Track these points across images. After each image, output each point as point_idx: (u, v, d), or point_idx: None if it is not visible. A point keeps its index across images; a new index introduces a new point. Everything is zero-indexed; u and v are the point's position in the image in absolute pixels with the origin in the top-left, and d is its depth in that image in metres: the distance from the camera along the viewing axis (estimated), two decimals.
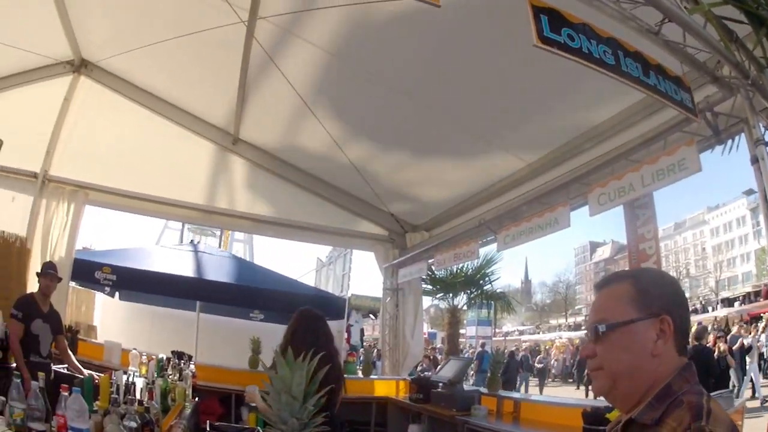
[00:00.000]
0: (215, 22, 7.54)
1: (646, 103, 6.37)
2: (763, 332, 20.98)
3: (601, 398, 1.93)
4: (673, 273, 59.09)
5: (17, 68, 9.22)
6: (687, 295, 1.91)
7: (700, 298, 65.06)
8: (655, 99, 4.86)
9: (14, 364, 5.94)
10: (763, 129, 4.95)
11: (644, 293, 1.71)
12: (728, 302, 53.50)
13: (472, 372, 21.53)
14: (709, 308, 53.77)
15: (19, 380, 3.26)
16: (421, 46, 7.23)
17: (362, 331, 20.46)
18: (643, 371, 1.66)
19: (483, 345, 28.90)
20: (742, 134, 5.40)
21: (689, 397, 1.57)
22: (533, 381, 27.67)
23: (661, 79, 4.65)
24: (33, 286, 7.24)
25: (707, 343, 15.26)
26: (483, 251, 10.49)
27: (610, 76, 4.31)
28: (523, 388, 25.68)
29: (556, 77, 6.55)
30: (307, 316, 5.49)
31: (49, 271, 6.76)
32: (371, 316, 21.29)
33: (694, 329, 17.65)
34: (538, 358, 27.90)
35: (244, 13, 7.25)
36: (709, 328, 23.80)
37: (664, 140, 6.05)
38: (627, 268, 6.31)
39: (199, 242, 14.69)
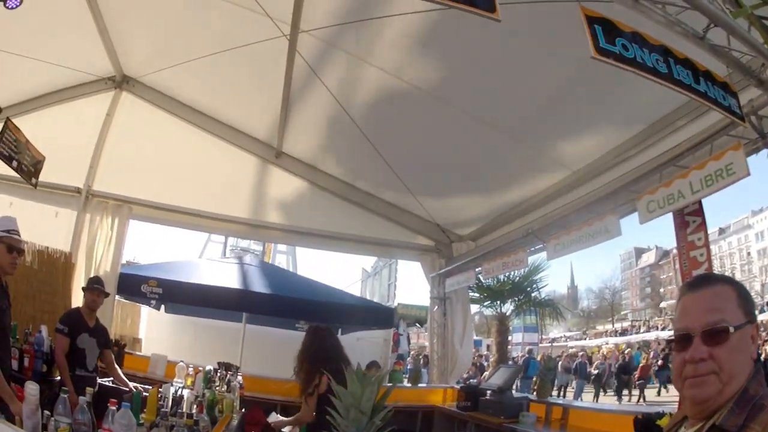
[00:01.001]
0: (257, 37, 7.49)
1: (691, 106, 6.23)
2: None
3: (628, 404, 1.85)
4: None
5: (59, 85, 9.33)
6: None
7: None
8: (704, 105, 4.77)
9: (59, 378, 5.85)
10: None
11: (746, 298, 1.71)
12: None
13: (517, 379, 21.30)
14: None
15: (66, 395, 3.13)
16: (466, 58, 7.12)
17: (409, 339, 20.36)
18: (741, 376, 1.62)
19: (530, 352, 28.63)
20: None
21: None
22: (588, 388, 26.73)
23: (710, 85, 4.59)
24: (78, 300, 7.21)
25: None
26: (530, 259, 10.30)
27: (664, 84, 4.30)
28: (570, 395, 25.11)
29: (601, 84, 6.49)
30: (325, 331, 6.16)
31: (95, 286, 6.68)
32: (417, 324, 21.18)
33: None
34: (595, 364, 27.07)
35: (286, 26, 7.17)
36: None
37: (711, 144, 5.88)
38: (673, 275, 6.21)
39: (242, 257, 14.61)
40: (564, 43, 4.23)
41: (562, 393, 25.31)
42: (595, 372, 26.16)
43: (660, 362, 24.67)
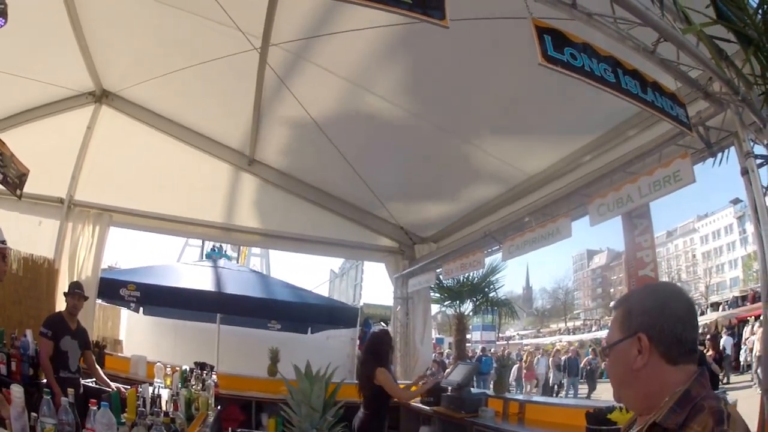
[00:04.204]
0: (230, 50, 7.60)
1: (642, 117, 6.41)
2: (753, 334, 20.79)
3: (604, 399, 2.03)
4: (665, 279, 59.05)
5: (42, 101, 9.38)
6: None
7: None
8: (651, 114, 4.92)
9: (45, 380, 5.91)
10: (751, 143, 4.98)
11: (627, 315, 1.83)
12: (717, 307, 53.35)
13: None
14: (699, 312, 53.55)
15: (49, 396, 3.22)
16: (425, 68, 7.30)
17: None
18: (630, 384, 1.79)
19: (483, 350, 28.84)
20: (732, 147, 5.43)
21: (710, 402, 1.61)
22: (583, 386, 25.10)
23: (657, 95, 4.70)
24: (61, 305, 7.23)
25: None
26: (488, 260, 10.47)
27: (611, 93, 4.37)
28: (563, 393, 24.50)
29: (556, 95, 6.64)
30: (386, 334, 6.91)
31: (75, 291, 6.73)
32: (382, 323, 21.24)
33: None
34: (586, 359, 26.20)
35: (257, 40, 7.27)
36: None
37: (660, 153, 6.09)
38: (623, 276, 6.41)
39: (218, 259, 14.60)
40: (520, 54, 4.35)
41: (556, 392, 24.68)
42: (587, 368, 25.40)
43: None
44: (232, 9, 6.68)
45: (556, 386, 25.21)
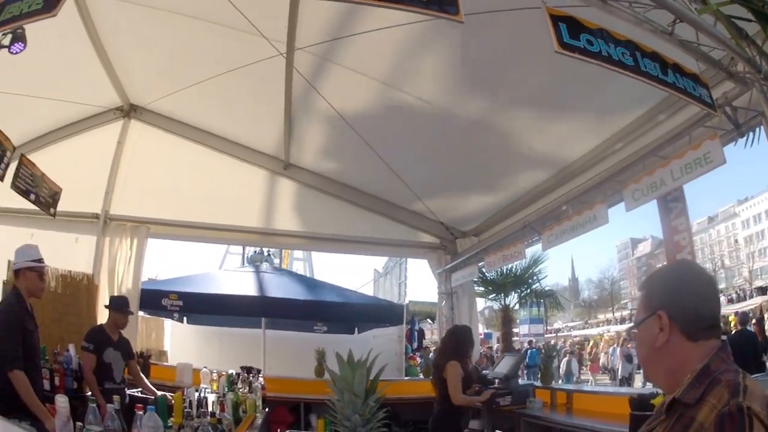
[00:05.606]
0: (255, 57, 7.59)
1: (670, 101, 6.35)
2: None
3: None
4: (708, 265, 58.32)
5: (70, 119, 9.53)
6: (722, 286, 1.96)
7: (736, 288, 63.51)
8: (675, 96, 4.92)
9: (89, 393, 5.97)
10: None
11: (648, 295, 1.91)
12: (762, 291, 52.37)
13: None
14: (742, 296, 52.55)
15: (94, 405, 3.25)
16: (456, 64, 7.25)
17: (420, 333, 20.21)
18: (655, 362, 1.86)
19: (530, 343, 28.66)
20: (762, 126, 5.39)
21: (727, 376, 1.65)
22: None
23: (678, 76, 4.70)
24: (103, 320, 7.31)
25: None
26: (529, 251, 10.53)
27: (630, 76, 4.40)
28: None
29: (584, 85, 6.66)
30: (465, 329, 7.09)
31: (123, 308, 6.76)
32: (429, 320, 21.16)
33: (735, 316, 17.27)
34: None
35: (282, 45, 7.25)
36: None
37: (689, 136, 6.05)
38: (665, 262, 6.36)
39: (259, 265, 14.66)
40: (549, 45, 4.36)
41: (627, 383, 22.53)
42: None
43: None
44: (254, 17, 6.69)
45: (624, 377, 23.27)
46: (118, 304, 6.79)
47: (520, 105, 7.83)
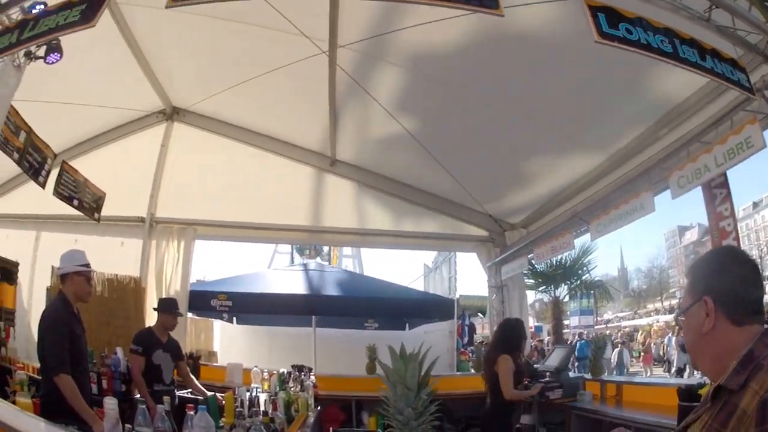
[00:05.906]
0: (297, 56, 7.56)
1: (711, 87, 6.28)
2: None
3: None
4: (753, 252, 57.15)
5: (112, 124, 9.66)
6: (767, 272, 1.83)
7: None
8: (714, 81, 4.97)
9: (138, 396, 5.98)
10: None
11: (692, 282, 1.91)
12: None
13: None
14: None
15: (144, 406, 3.22)
16: (503, 56, 7.11)
17: (471, 328, 20.09)
18: (702, 349, 1.85)
19: (580, 335, 28.40)
20: None
21: None
22: None
23: (717, 62, 4.73)
24: (151, 321, 7.34)
25: None
26: (578, 242, 10.43)
27: (670, 63, 4.48)
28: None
29: (625, 75, 6.64)
30: (517, 322, 7.11)
31: (171, 309, 6.77)
32: (480, 315, 21.04)
33: None
34: None
35: (324, 43, 7.21)
36: None
37: (731, 120, 6.00)
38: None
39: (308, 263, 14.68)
40: (580, 37, 4.33)
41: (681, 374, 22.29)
42: None
43: None
44: (294, 16, 6.67)
45: (680, 368, 23.07)
46: (167, 306, 6.81)
47: (567, 96, 7.67)
